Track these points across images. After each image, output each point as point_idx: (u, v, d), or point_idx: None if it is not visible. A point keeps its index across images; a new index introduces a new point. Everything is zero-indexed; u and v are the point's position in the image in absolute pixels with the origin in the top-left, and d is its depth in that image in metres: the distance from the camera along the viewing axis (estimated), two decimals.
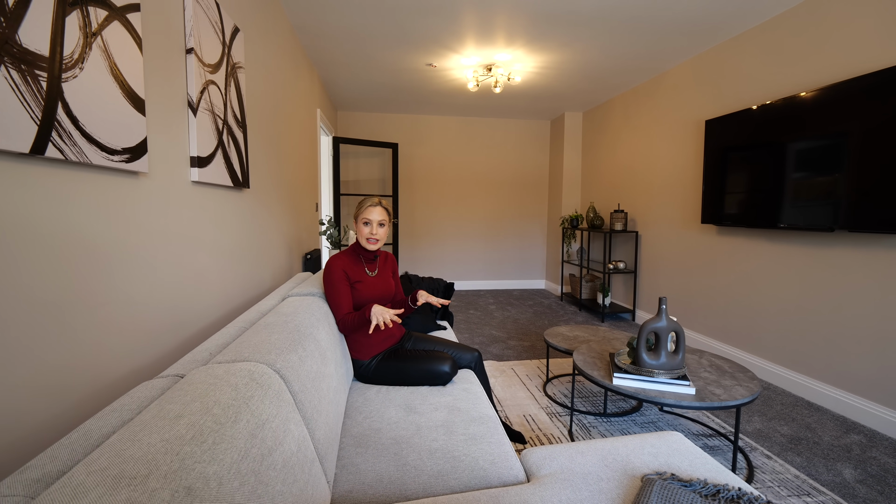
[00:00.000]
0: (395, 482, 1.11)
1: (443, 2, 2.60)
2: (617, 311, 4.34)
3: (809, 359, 2.54)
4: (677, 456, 1.18)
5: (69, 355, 0.88)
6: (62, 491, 0.51)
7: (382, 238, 1.78)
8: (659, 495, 0.96)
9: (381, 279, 1.85)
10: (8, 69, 0.73)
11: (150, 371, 1.17)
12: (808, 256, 2.54)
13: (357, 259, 1.82)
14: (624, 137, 4.54)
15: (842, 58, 2.33)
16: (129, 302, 1.07)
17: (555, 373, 2.85)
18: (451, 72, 3.87)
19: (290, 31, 2.90)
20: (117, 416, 0.76)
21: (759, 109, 2.73)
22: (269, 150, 2.37)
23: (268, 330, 1.20)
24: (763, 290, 2.85)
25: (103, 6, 0.97)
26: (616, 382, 1.76)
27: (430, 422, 1.39)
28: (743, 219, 2.87)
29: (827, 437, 2.10)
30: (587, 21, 2.85)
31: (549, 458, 1.17)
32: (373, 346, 1.77)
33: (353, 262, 1.79)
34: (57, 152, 0.83)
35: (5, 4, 0.72)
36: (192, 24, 1.40)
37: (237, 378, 0.85)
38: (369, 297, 1.76)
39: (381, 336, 1.80)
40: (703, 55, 3.37)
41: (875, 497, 1.65)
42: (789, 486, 1.70)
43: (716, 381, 1.80)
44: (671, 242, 3.79)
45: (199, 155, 1.45)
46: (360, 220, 1.76)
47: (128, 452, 0.58)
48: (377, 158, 5.59)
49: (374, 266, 1.86)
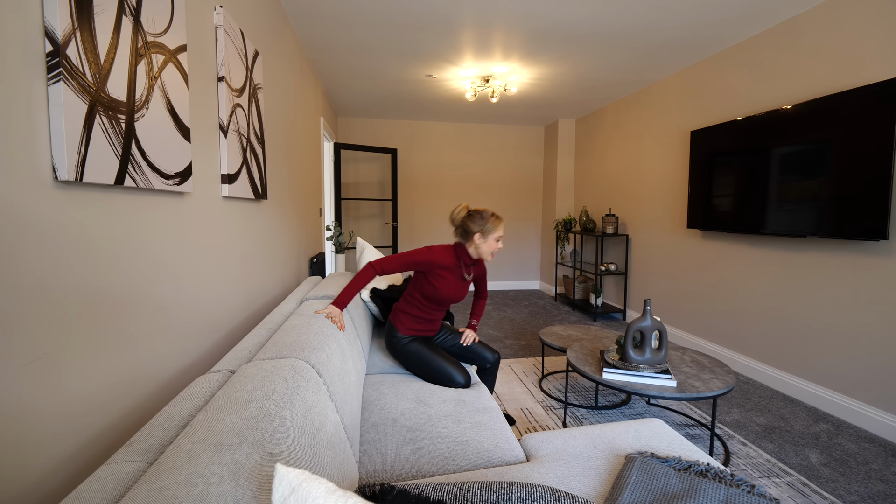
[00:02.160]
0: (412, 463, 1.28)
1: (444, 20, 2.76)
2: (608, 311, 4.53)
3: (786, 355, 2.73)
4: (657, 439, 1.35)
5: (139, 355, 1.03)
6: (176, 455, 0.67)
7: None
8: (639, 469, 1.13)
9: (464, 285, 1.97)
10: (101, 116, 0.88)
11: (196, 368, 1.33)
12: (785, 260, 2.74)
13: (457, 262, 1.92)
14: (615, 144, 4.73)
15: (815, 77, 2.53)
16: (179, 306, 1.23)
17: (549, 370, 3.03)
18: (450, 82, 4.04)
19: (299, 46, 3.05)
20: (189, 403, 0.91)
21: (742, 121, 2.93)
22: (283, 161, 2.52)
23: (297, 331, 1.36)
24: (744, 291, 3.05)
25: (162, 51, 1.12)
26: (605, 377, 1.93)
27: (439, 412, 1.56)
28: (726, 224, 3.07)
29: (798, 425, 2.30)
30: (579, 38, 3.03)
31: (546, 442, 1.34)
32: (414, 329, 1.97)
33: (453, 264, 1.91)
34: (131, 181, 0.98)
35: (100, 62, 0.88)
36: (223, 54, 1.55)
37: (284, 371, 1.00)
38: (445, 295, 1.90)
39: (424, 325, 1.99)
40: (689, 69, 3.56)
41: (836, 478, 1.84)
42: (761, 469, 1.89)
43: (696, 374, 1.99)
44: (659, 246, 3.99)
45: (229, 172, 1.60)
46: (493, 237, 1.86)
47: (217, 427, 0.74)
48: (377, 163, 5.74)
49: (469, 271, 1.98)
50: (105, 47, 0.89)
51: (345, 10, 2.63)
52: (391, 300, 2.41)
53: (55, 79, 0.77)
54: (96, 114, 0.86)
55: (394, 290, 2.49)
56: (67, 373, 0.80)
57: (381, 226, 5.81)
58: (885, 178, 2.09)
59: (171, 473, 0.61)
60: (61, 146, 0.78)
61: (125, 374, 0.98)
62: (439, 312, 2.01)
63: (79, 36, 0.82)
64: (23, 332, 0.71)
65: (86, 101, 0.84)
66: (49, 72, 0.77)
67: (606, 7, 2.58)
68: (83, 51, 0.83)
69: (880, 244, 2.20)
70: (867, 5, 2.25)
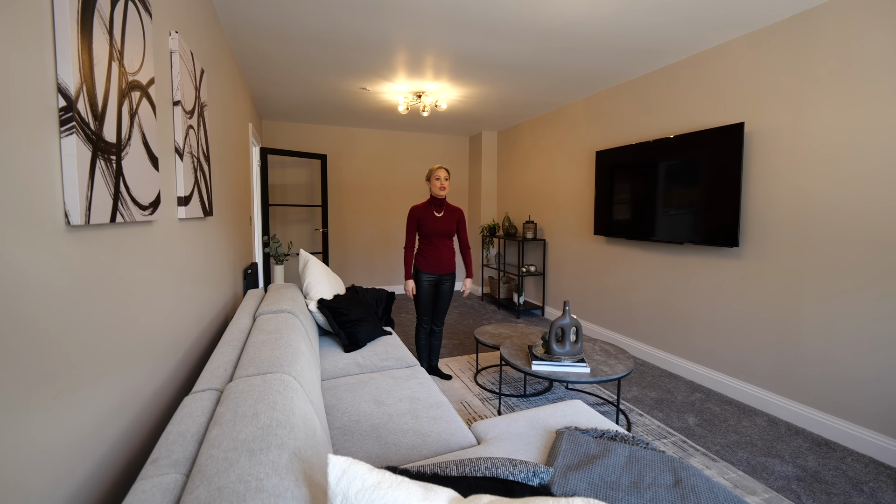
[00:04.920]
0: (381, 457, 1.45)
1: (379, 42, 2.92)
2: (530, 308, 5.01)
3: (670, 340, 3.34)
4: (579, 416, 1.68)
5: (129, 381, 1.08)
6: (215, 463, 0.79)
7: (447, 188, 2.83)
8: (567, 440, 1.43)
9: (443, 220, 2.88)
10: (100, 160, 0.94)
11: (168, 388, 1.37)
12: (668, 262, 3.34)
13: (428, 205, 2.88)
14: (532, 157, 5.23)
15: (689, 113, 3.14)
16: (151, 330, 1.27)
17: (483, 364, 3.34)
18: (383, 94, 4.18)
19: (232, 56, 3.00)
20: (192, 421, 1.01)
21: (637, 145, 3.49)
22: (222, 174, 2.50)
23: (268, 347, 1.46)
24: (638, 288, 3.64)
25: (138, 88, 1.17)
26: (534, 368, 2.26)
27: (397, 411, 1.74)
28: (624, 232, 3.63)
29: (680, 396, 2.85)
30: (502, 67, 3.38)
31: (492, 427, 1.60)
32: (426, 265, 2.92)
33: (425, 207, 2.88)
34: (120, 217, 1.04)
35: (98, 109, 0.94)
36: (178, 79, 1.57)
37: (276, 385, 1.13)
38: (432, 230, 2.85)
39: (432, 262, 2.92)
40: (593, 96, 4.11)
41: (706, 434, 2.37)
42: (653, 433, 2.36)
43: (604, 361, 2.40)
44: (571, 250, 4.53)
45: (185, 195, 1.62)
46: (433, 178, 2.81)
47: (241, 437, 0.86)
48: (305, 168, 5.66)
49: (440, 210, 2.88)
50: (102, 95, 0.95)
51: (283, 27, 2.67)
52: (338, 310, 2.53)
53: (68, 132, 0.83)
54: (97, 159, 0.93)
55: (340, 300, 2.61)
56: (81, 403, 0.87)
57: (310, 232, 5.74)
58: (736, 200, 2.70)
59: (221, 476, 0.74)
60: (74, 193, 0.84)
61: (119, 399, 1.03)
62: (438, 249, 2.90)
63: (85, 89, 0.88)
64: (48, 370, 0.78)
65: (90, 148, 0.90)
66: (62, 125, 0.83)
67: (523, 47, 2.95)
68: (88, 102, 0.89)
69: (734, 250, 2.82)
70: (733, 59, 2.86)
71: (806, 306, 2.44)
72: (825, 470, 2.04)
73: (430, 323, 3.05)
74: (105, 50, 0.98)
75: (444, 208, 2.89)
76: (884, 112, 2.09)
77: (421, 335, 3.03)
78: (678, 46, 2.94)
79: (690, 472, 1.27)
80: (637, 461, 1.33)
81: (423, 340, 3.04)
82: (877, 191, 2.12)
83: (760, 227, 2.66)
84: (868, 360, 2.17)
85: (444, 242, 2.93)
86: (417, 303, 2.97)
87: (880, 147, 2.10)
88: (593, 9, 2.41)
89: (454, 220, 2.95)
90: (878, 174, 2.12)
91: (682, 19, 2.53)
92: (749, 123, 2.70)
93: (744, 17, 2.50)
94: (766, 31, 2.60)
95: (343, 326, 2.49)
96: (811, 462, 2.11)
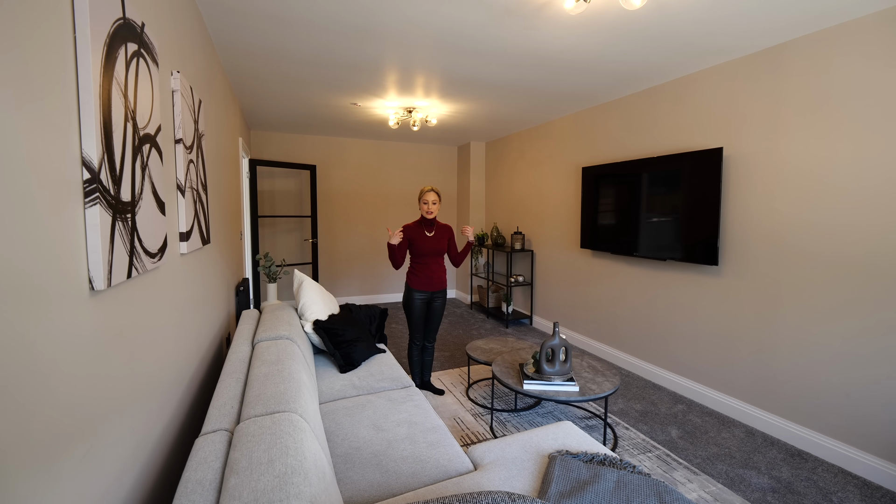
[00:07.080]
0: (382, 485, 1.51)
1: (371, 63, 2.97)
2: (518, 318, 5.11)
3: (653, 352, 3.46)
4: (569, 438, 1.77)
5: (149, 425, 1.12)
6: None
7: (435, 210, 2.94)
8: (559, 465, 1.51)
9: (434, 240, 2.98)
10: (119, 223, 0.98)
11: (174, 426, 1.40)
12: (652, 277, 3.47)
13: (419, 225, 2.98)
14: (520, 169, 5.33)
15: (670, 134, 3.26)
16: (156, 369, 1.31)
17: (475, 378, 3.41)
18: (374, 109, 4.22)
19: (223, 74, 3.01)
20: (207, 467, 1.06)
21: (622, 163, 3.61)
22: (217, 196, 2.52)
23: (272, 381, 1.51)
24: (623, 300, 3.76)
25: (149, 141, 1.21)
26: (526, 387, 2.34)
27: (396, 437, 1.80)
28: (610, 246, 3.75)
29: (663, 408, 2.98)
30: (492, 86, 3.46)
31: (487, 451, 1.67)
32: (417, 283, 2.98)
33: (416, 227, 2.97)
34: (135, 272, 1.08)
35: (116, 174, 0.98)
36: (180, 117, 1.61)
37: (285, 426, 1.18)
38: (424, 249, 2.94)
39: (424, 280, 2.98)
40: (581, 112, 4.23)
41: (688, 447, 2.49)
42: (639, 447, 2.46)
43: (592, 379, 2.50)
44: (559, 262, 4.64)
45: (186, 230, 1.66)
46: (422, 201, 2.94)
47: (259, 487, 0.92)
48: (293, 178, 5.65)
49: (431, 229, 2.99)
50: (119, 158, 0.99)
51: (276, 50, 2.70)
52: (333, 331, 2.57)
53: (93, 202, 0.87)
54: (116, 221, 0.97)
55: (335, 321, 2.65)
56: (102, 457, 0.91)
57: (299, 242, 5.74)
58: (715, 220, 2.83)
59: None
60: (98, 261, 0.89)
61: (133, 445, 1.07)
62: (430, 267, 2.98)
63: (106, 159, 0.92)
64: (77, 427, 0.82)
65: (110, 213, 0.94)
66: (86, 196, 0.87)
67: (512, 71, 3.04)
68: (108, 171, 0.93)
69: (713, 268, 2.96)
70: (712, 86, 2.99)
71: (780, 323, 2.58)
72: (798, 481, 2.17)
73: (423, 340, 3.11)
74: (121, 114, 1.02)
75: (434, 228, 3.00)
76: (854, 141, 2.23)
77: (414, 352, 3.10)
78: (660, 72, 3.06)
79: (674, 496, 1.37)
80: (625, 486, 1.41)
81: (416, 357, 3.11)
82: (845, 217, 2.26)
83: (739, 246, 2.80)
84: (838, 376, 2.32)
85: (436, 261, 3.01)
86: (410, 322, 3.05)
87: (850, 175, 2.25)
88: (581, 39, 2.50)
89: (445, 239, 3.05)
90: (847, 201, 2.26)
91: (665, 49, 2.64)
92: (728, 148, 2.83)
93: (724, 48, 2.63)
94: (744, 60, 2.73)
95: (338, 347, 2.53)
96: (785, 473, 2.24)
